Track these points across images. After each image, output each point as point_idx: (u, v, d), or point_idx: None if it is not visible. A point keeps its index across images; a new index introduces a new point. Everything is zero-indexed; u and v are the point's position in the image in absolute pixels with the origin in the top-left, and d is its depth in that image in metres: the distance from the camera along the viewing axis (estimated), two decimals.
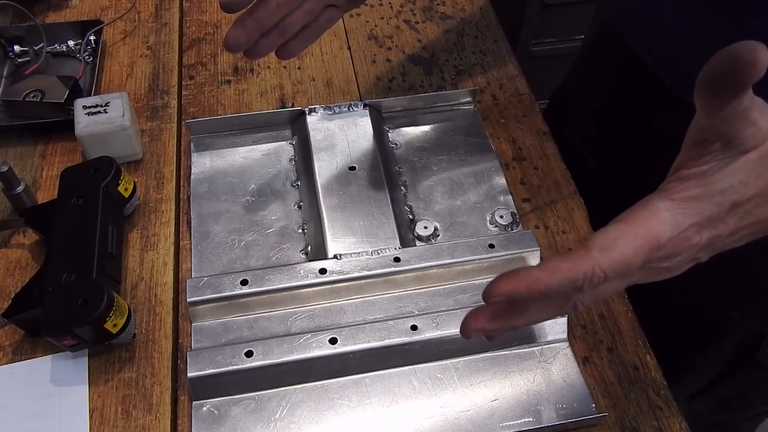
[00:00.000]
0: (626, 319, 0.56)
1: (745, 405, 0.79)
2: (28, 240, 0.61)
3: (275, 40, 0.53)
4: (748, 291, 0.63)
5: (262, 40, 0.52)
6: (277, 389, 0.52)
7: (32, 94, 0.68)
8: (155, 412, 0.51)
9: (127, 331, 0.52)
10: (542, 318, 0.37)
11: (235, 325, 0.55)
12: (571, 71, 0.78)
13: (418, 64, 0.76)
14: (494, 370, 0.53)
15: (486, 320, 0.36)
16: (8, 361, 0.54)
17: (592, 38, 0.73)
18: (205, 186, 0.64)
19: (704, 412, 0.69)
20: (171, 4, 0.82)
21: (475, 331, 0.36)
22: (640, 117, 0.65)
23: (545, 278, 0.33)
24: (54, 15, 0.81)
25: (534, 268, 0.33)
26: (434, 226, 0.61)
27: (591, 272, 0.33)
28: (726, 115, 0.32)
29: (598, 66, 0.72)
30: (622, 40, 0.64)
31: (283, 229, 0.61)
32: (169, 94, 0.72)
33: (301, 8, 0.52)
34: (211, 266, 0.59)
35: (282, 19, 0.52)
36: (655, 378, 0.53)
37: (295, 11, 0.52)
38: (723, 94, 0.31)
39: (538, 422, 0.50)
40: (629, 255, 0.33)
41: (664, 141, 0.61)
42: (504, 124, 0.70)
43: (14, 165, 0.60)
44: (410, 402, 0.51)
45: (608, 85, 0.69)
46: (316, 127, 0.66)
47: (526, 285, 0.33)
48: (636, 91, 0.64)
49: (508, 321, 0.37)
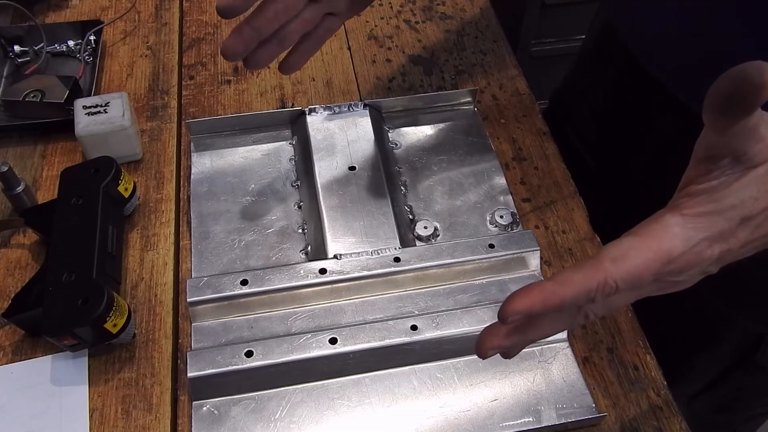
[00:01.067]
0: (626, 319, 0.56)
1: (744, 406, 0.79)
2: (28, 240, 0.61)
3: (274, 50, 0.52)
4: (749, 293, 0.63)
5: (261, 50, 0.52)
6: (277, 389, 0.52)
7: (32, 94, 0.68)
8: (155, 412, 0.51)
9: (127, 331, 0.52)
10: (556, 330, 0.37)
11: (235, 325, 0.55)
12: (571, 72, 0.78)
13: (418, 64, 0.76)
14: (494, 370, 0.53)
15: (502, 337, 0.36)
16: (8, 361, 0.54)
17: (593, 39, 0.73)
18: (205, 186, 0.64)
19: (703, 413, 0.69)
20: (171, 4, 0.82)
21: (491, 349, 0.36)
22: (639, 118, 0.65)
23: (559, 291, 0.33)
24: (54, 15, 0.81)
25: (547, 282, 0.34)
26: (434, 226, 0.61)
27: (603, 283, 0.33)
28: (735, 132, 0.32)
29: (597, 66, 0.72)
30: (621, 41, 0.64)
31: (283, 229, 0.61)
32: (169, 94, 0.72)
33: (300, 17, 0.52)
34: (211, 266, 0.59)
35: (281, 29, 0.51)
36: (655, 378, 0.53)
37: (293, 20, 0.51)
38: (732, 113, 0.31)
39: (538, 422, 0.50)
40: (641, 267, 0.34)
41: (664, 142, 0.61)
42: (504, 124, 0.70)
43: (14, 165, 0.60)
44: (410, 402, 0.51)
45: (608, 86, 0.69)
46: (316, 127, 0.66)
47: (542, 300, 0.33)
48: (636, 92, 0.64)
49: (524, 336, 0.36)
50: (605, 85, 0.70)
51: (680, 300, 0.58)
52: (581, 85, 0.76)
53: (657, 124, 0.63)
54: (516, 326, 0.36)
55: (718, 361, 0.72)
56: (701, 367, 0.72)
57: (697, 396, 0.71)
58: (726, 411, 0.79)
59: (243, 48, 0.50)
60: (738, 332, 0.67)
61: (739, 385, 0.74)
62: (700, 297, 0.63)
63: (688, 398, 0.76)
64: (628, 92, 0.66)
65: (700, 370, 0.72)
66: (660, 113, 0.62)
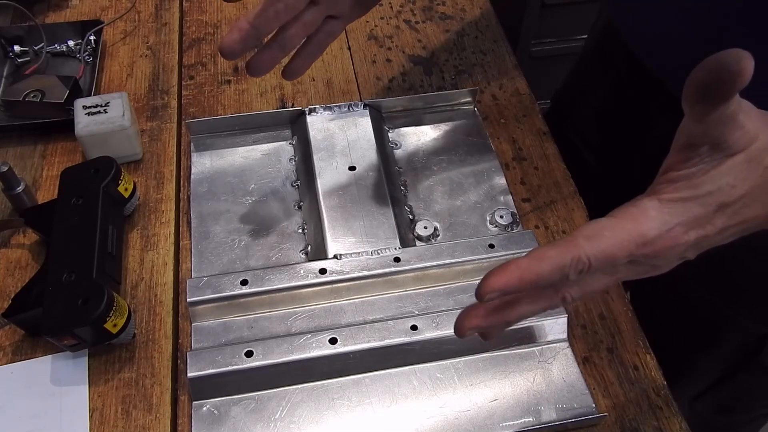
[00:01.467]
0: (626, 319, 0.56)
1: (746, 407, 0.79)
2: (28, 240, 0.61)
3: (276, 55, 0.52)
4: (747, 291, 0.63)
5: (263, 55, 0.52)
6: (277, 389, 0.52)
7: (32, 94, 0.68)
8: (155, 412, 0.51)
9: (127, 331, 0.52)
10: (534, 311, 0.37)
11: (235, 325, 0.55)
12: (573, 72, 0.79)
13: (418, 64, 0.76)
14: (494, 370, 0.53)
15: (481, 318, 0.37)
16: (8, 361, 0.54)
17: (594, 38, 0.73)
18: (205, 186, 0.64)
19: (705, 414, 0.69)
20: (171, 4, 0.82)
21: (469, 329, 0.37)
22: (640, 118, 0.65)
23: (535, 266, 0.34)
24: (54, 15, 0.81)
25: (522, 259, 0.34)
26: (434, 226, 0.61)
27: (577, 259, 0.34)
28: (713, 120, 0.33)
29: (599, 67, 0.72)
30: (622, 41, 0.64)
31: (283, 229, 0.61)
32: (169, 94, 0.72)
33: (301, 20, 0.51)
34: (211, 266, 0.59)
35: (281, 32, 0.51)
36: (655, 378, 0.53)
37: (294, 24, 0.51)
38: (710, 101, 0.32)
39: (538, 422, 0.50)
40: (614, 246, 0.34)
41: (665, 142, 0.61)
42: (504, 124, 0.70)
43: (14, 165, 0.60)
44: (410, 402, 0.51)
45: (609, 86, 0.69)
46: (316, 127, 0.66)
47: (518, 276, 0.33)
48: (637, 92, 0.64)
49: (502, 316, 0.37)
50: (606, 85, 0.70)
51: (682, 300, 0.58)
52: (583, 85, 0.76)
53: (658, 124, 0.63)
54: (495, 306, 0.37)
55: (719, 361, 0.72)
56: (703, 368, 0.72)
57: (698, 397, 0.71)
58: (727, 412, 0.79)
59: (241, 46, 0.49)
60: (739, 332, 0.67)
61: (741, 386, 0.74)
62: (700, 296, 0.63)
63: (690, 399, 0.76)
64: (629, 92, 0.66)
65: (701, 371, 0.72)
66: (660, 113, 0.62)
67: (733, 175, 0.35)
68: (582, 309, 0.57)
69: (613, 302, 0.57)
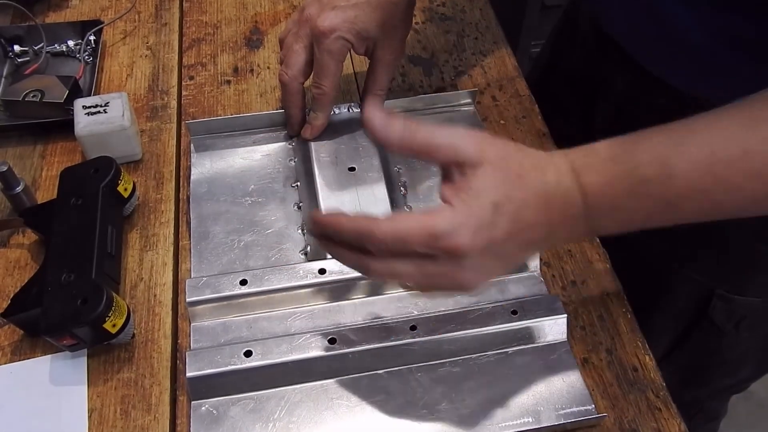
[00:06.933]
0: (625, 321, 0.56)
1: (706, 378, 0.82)
2: (28, 240, 0.61)
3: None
4: (696, 247, 0.66)
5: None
6: (276, 389, 0.52)
7: (32, 94, 0.68)
8: (154, 412, 0.51)
9: (126, 331, 0.52)
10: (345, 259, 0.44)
11: (234, 325, 0.55)
12: (547, 42, 0.84)
13: (418, 64, 0.76)
14: (493, 371, 0.53)
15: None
16: (7, 361, 0.54)
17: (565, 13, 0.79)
18: (204, 186, 0.64)
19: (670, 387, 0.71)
20: (171, 4, 0.82)
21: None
22: (601, 77, 0.69)
23: (336, 222, 0.43)
24: (54, 15, 0.81)
25: (335, 214, 0.44)
26: None
27: (372, 232, 0.41)
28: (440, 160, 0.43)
29: (568, 35, 0.76)
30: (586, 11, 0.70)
31: (283, 229, 0.61)
32: (169, 95, 0.72)
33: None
34: (211, 266, 0.59)
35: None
36: (654, 379, 0.53)
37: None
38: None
39: (537, 422, 0.50)
40: (406, 231, 0.40)
41: (622, 98, 0.67)
42: (504, 126, 0.70)
43: (14, 165, 0.60)
44: (409, 402, 0.51)
45: (577, 53, 0.74)
46: None
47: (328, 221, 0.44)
48: (599, 54, 0.68)
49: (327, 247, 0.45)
50: (575, 52, 0.74)
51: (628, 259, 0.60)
52: (556, 50, 0.81)
53: (615, 81, 0.67)
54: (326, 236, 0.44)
55: (673, 318, 0.74)
56: (659, 327, 0.74)
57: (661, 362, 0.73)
58: (691, 385, 0.81)
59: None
60: (687, 285, 0.70)
61: (697, 348, 0.76)
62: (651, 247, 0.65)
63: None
64: (592, 55, 0.70)
65: (658, 332, 0.74)
66: (617, 70, 0.66)
67: (489, 179, 0.41)
68: (581, 310, 0.57)
69: (612, 303, 0.57)
